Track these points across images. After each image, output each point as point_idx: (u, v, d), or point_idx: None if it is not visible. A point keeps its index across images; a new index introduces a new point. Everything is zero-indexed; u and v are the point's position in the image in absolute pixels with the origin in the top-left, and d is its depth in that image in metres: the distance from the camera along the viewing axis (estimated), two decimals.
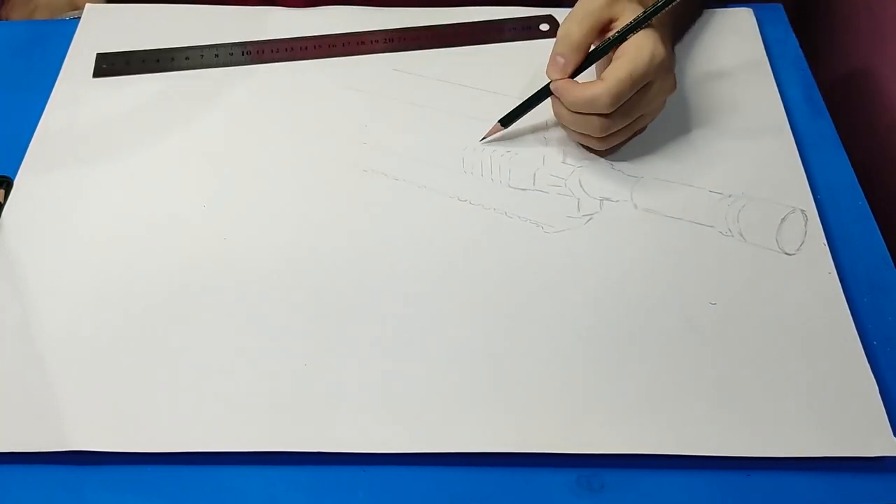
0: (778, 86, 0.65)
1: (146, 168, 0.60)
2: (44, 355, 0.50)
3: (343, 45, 0.69)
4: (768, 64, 0.67)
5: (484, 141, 0.61)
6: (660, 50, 0.55)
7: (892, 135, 0.72)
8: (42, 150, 0.61)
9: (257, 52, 0.68)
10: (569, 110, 0.57)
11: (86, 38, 0.69)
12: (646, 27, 0.56)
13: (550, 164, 0.60)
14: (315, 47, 0.69)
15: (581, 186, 0.59)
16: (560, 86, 0.57)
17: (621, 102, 0.55)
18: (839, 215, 0.58)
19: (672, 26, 0.63)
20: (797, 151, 0.61)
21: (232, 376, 0.49)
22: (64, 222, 0.57)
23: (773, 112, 0.63)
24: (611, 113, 0.55)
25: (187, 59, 0.67)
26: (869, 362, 0.50)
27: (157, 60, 0.67)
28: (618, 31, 0.56)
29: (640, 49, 0.55)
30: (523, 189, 0.59)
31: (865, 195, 0.59)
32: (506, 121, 0.61)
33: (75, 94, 0.64)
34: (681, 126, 0.63)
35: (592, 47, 0.58)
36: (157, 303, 0.52)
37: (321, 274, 0.54)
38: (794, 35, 0.70)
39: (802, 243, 0.56)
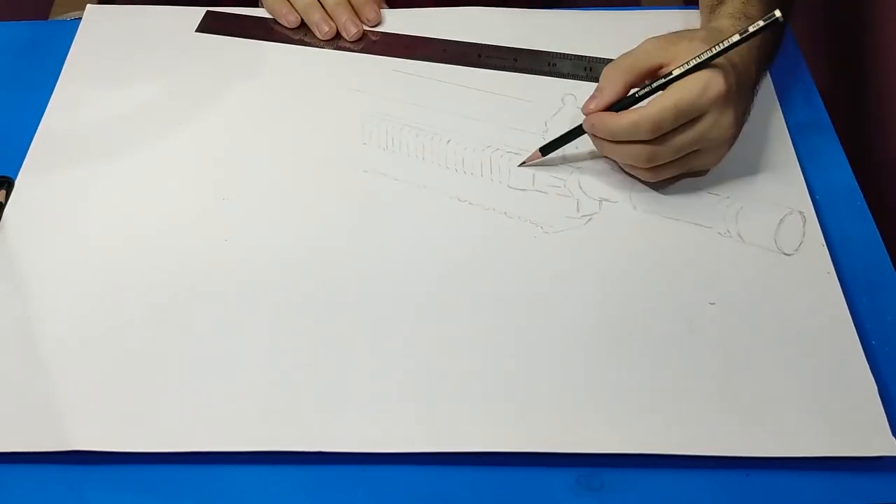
0: (777, 87, 0.65)
1: (147, 168, 0.60)
2: (44, 355, 0.50)
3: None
4: None
5: (522, 166, 0.60)
6: (716, 83, 0.53)
7: (891, 135, 0.72)
8: (43, 151, 0.61)
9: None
10: (610, 142, 0.56)
11: (86, 38, 0.69)
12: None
13: (550, 165, 0.60)
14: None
15: (580, 187, 0.59)
16: (592, 119, 0.56)
17: (663, 130, 0.53)
18: (838, 215, 0.58)
19: (758, 66, 0.59)
20: (795, 152, 0.61)
21: (232, 376, 0.49)
22: (65, 223, 0.57)
23: (771, 113, 0.63)
24: (654, 140, 0.53)
25: None
26: (868, 362, 0.50)
27: None
28: (666, 75, 0.54)
29: (694, 80, 0.53)
30: (523, 189, 0.59)
31: (864, 195, 0.59)
32: (546, 150, 0.59)
33: (76, 95, 0.65)
34: None
35: (637, 90, 0.56)
36: (158, 303, 0.53)
37: (321, 274, 0.54)
38: (794, 36, 0.70)
39: (801, 244, 0.56)
